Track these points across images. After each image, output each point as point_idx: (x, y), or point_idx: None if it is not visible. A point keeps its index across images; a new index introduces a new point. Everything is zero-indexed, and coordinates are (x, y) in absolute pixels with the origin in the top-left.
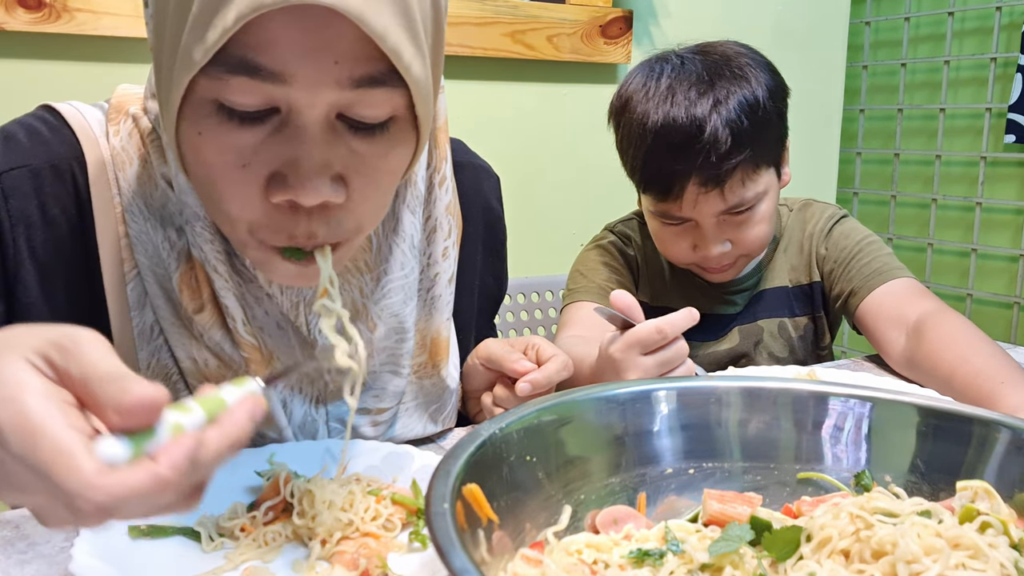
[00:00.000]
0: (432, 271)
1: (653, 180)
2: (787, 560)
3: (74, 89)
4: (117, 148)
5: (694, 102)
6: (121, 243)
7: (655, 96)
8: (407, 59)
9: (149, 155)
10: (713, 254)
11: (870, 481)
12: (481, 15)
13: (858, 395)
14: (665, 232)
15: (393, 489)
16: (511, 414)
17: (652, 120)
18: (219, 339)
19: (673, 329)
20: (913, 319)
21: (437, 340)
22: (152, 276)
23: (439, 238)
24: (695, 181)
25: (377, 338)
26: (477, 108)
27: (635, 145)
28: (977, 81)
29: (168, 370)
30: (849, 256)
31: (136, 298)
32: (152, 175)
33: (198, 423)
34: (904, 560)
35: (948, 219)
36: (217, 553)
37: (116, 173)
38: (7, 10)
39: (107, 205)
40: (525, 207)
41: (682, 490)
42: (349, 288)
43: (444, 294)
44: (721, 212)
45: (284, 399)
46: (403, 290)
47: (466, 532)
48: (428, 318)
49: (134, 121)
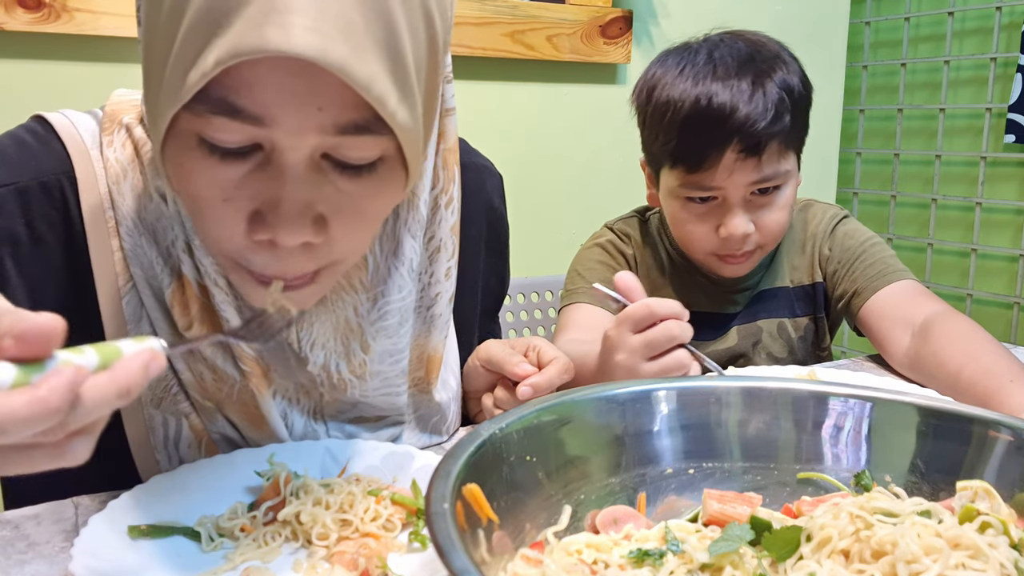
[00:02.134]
0: (433, 291)
1: (691, 148)
2: (787, 560)
3: (73, 89)
4: (111, 160)
5: (737, 73)
6: (115, 256)
7: (695, 69)
8: (392, 107)
9: (144, 168)
10: (738, 233)
11: (870, 481)
12: (481, 15)
13: (858, 395)
14: (688, 213)
15: (393, 489)
16: (511, 414)
17: (693, 90)
18: (210, 354)
19: (662, 308)
20: (919, 319)
21: (433, 358)
22: (148, 289)
23: (442, 258)
24: (734, 148)
25: (371, 360)
26: (477, 108)
27: (671, 115)
28: (977, 81)
29: (168, 381)
30: (853, 257)
31: (132, 311)
32: (147, 188)
33: (90, 365)
34: (904, 560)
35: (948, 219)
36: (217, 553)
37: (110, 186)
38: (6, 10)
39: (99, 219)
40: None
41: (682, 490)
42: (343, 306)
43: (444, 313)
44: (753, 183)
45: (284, 411)
46: (400, 313)
47: (466, 532)
48: (427, 336)
49: (127, 132)
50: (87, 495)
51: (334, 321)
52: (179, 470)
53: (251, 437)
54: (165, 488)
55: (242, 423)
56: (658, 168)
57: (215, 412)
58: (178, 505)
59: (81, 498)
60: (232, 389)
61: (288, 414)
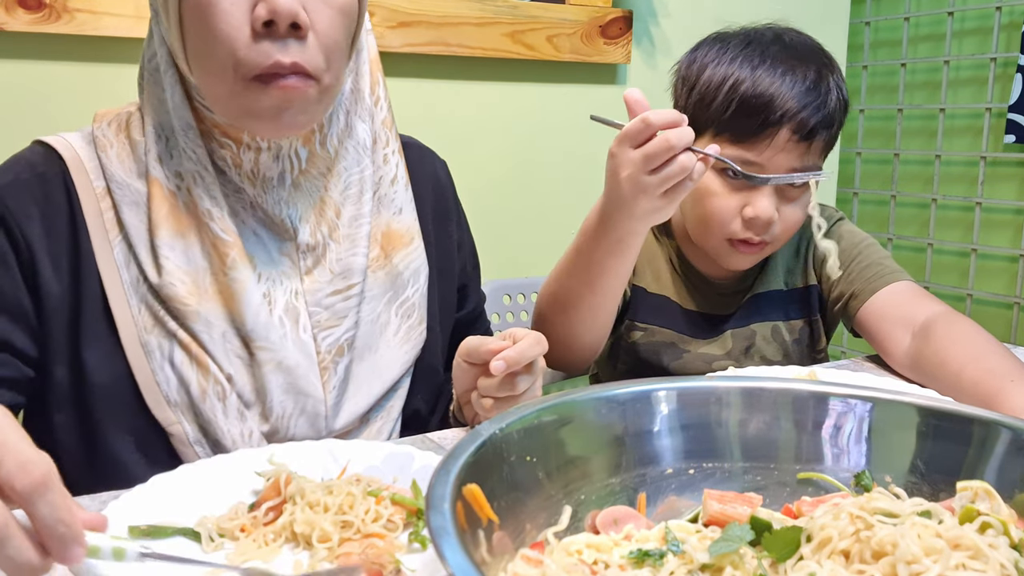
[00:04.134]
0: (376, 175)
1: (749, 118)
2: (787, 560)
3: (74, 90)
4: (99, 136)
5: (804, 60)
6: (105, 216)
7: (762, 47)
8: None
9: (131, 131)
10: (765, 216)
11: (870, 481)
12: (481, 15)
13: (858, 395)
14: (720, 186)
15: (393, 490)
16: (511, 414)
17: (760, 66)
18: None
19: (659, 119)
20: (920, 320)
21: (388, 233)
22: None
23: (379, 147)
24: (790, 127)
25: (342, 224)
26: (477, 108)
27: (733, 84)
28: (977, 81)
29: (156, 312)
30: (848, 259)
31: (122, 258)
32: (134, 144)
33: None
34: (904, 561)
35: (948, 219)
36: (217, 553)
37: (100, 155)
38: (7, 10)
39: (88, 188)
40: (525, 207)
41: (682, 490)
42: (316, 189)
43: (389, 193)
44: (793, 169)
45: (267, 291)
46: (359, 184)
47: (466, 532)
48: (377, 215)
49: (115, 117)
50: (87, 495)
51: (310, 200)
52: (180, 470)
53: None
54: (165, 488)
55: (221, 312)
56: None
57: (196, 313)
58: (178, 505)
59: (81, 498)
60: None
61: (270, 293)
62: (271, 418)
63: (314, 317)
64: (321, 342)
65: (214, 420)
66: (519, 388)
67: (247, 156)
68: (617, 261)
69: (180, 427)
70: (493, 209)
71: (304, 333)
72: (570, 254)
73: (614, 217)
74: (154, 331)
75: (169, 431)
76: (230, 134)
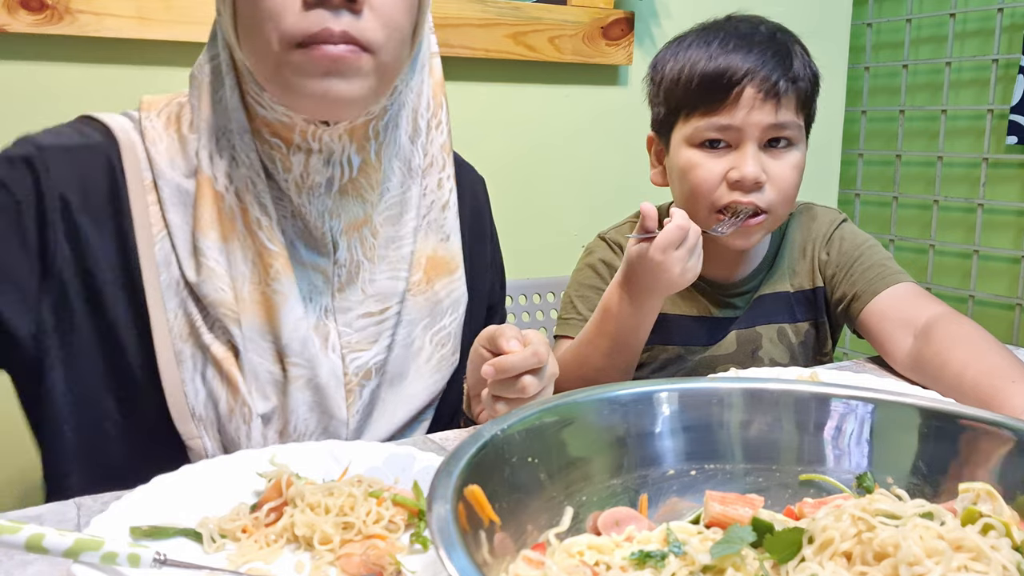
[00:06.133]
0: (428, 199)
1: (713, 85)
2: (789, 562)
3: (77, 91)
4: (148, 128)
5: (761, 37)
6: (150, 209)
7: (718, 32)
8: None
9: (180, 129)
10: (750, 174)
11: (872, 483)
12: (483, 17)
13: (860, 397)
14: (703, 156)
15: (394, 491)
16: (513, 415)
17: (716, 43)
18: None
19: (686, 220)
20: (922, 321)
21: (434, 258)
22: (181, 232)
23: (434, 171)
24: (754, 85)
25: (379, 244)
26: (479, 109)
27: (692, 63)
28: (979, 82)
29: (192, 319)
30: (850, 260)
31: (164, 257)
32: (182, 141)
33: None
34: (906, 562)
35: (950, 220)
36: (219, 554)
37: (148, 147)
38: (9, 12)
39: (137, 177)
40: (526, 208)
41: (684, 492)
42: (361, 202)
43: (439, 218)
44: (769, 126)
45: (305, 298)
46: (401, 204)
47: (468, 533)
48: (424, 239)
49: (165, 106)
50: (89, 495)
51: (353, 214)
52: (181, 471)
53: (268, 337)
54: (167, 489)
55: (258, 323)
56: (671, 127)
57: (236, 321)
58: (180, 506)
59: (83, 499)
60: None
61: (307, 304)
62: (292, 435)
63: (344, 337)
64: (349, 364)
65: (237, 440)
66: (528, 391)
67: (297, 159)
68: (650, 320)
69: (200, 442)
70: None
71: (333, 353)
72: (594, 337)
73: (655, 297)
74: (189, 340)
75: (188, 444)
76: (281, 133)
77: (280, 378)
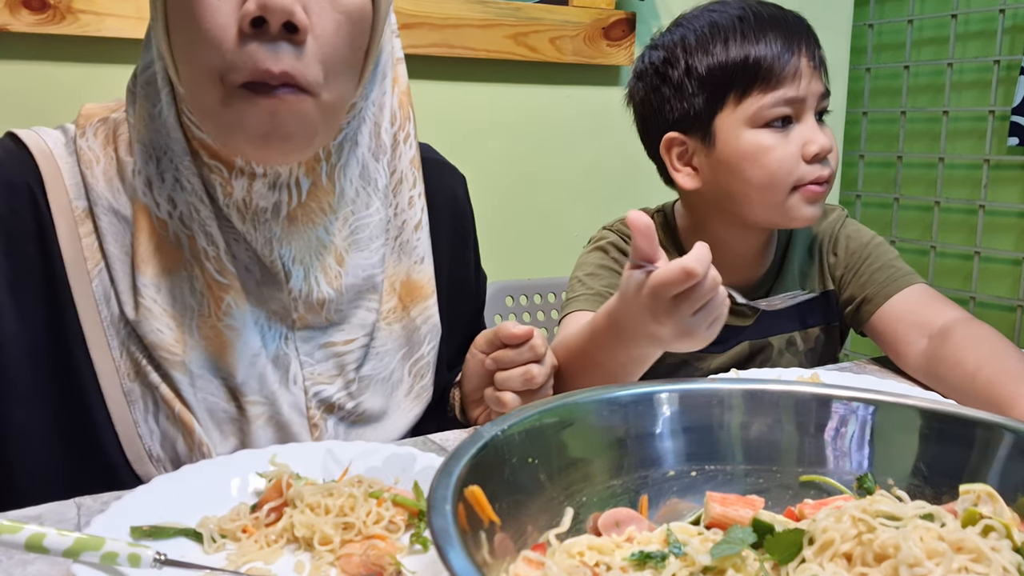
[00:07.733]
0: (399, 219)
1: (772, 60)
2: (789, 563)
3: (77, 91)
4: (84, 148)
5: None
6: (83, 242)
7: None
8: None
9: (117, 149)
10: (828, 144)
11: (873, 484)
12: (484, 17)
13: (861, 398)
14: (772, 137)
15: (394, 491)
16: (513, 416)
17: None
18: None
19: (701, 267)
20: (938, 323)
21: (408, 283)
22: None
23: (404, 189)
24: (806, 55)
25: (345, 273)
26: (480, 110)
27: (728, 34)
28: (980, 84)
29: (137, 359)
30: (859, 261)
31: (103, 293)
32: (120, 164)
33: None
34: (907, 563)
35: (951, 222)
36: (219, 555)
37: (83, 171)
38: (11, 12)
39: (66, 209)
40: (527, 209)
41: (684, 492)
42: (314, 227)
43: (411, 240)
44: (822, 95)
45: (262, 329)
46: (369, 228)
47: (468, 534)
48: (396, 263)
49: (102, 122)
50: (89, 495)
51: (307, 240)
52: (181, 471)
53: (220, 374)
54: (167, 489)
55: (209, 360)
56: (711, 118)
57: (181, 364)
58: (180, 506)
59: (83, 499)
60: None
61: (265, 333)
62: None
63: (306, 368)
64: (312, 397)
65: None
66: (536, 380)
67: (239, 183)
68: (642, 367)
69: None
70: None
71: (295, 385)
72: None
73: (642, 347)
74: (136, 380)
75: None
76: (220, 155)
77: (236, 415)
